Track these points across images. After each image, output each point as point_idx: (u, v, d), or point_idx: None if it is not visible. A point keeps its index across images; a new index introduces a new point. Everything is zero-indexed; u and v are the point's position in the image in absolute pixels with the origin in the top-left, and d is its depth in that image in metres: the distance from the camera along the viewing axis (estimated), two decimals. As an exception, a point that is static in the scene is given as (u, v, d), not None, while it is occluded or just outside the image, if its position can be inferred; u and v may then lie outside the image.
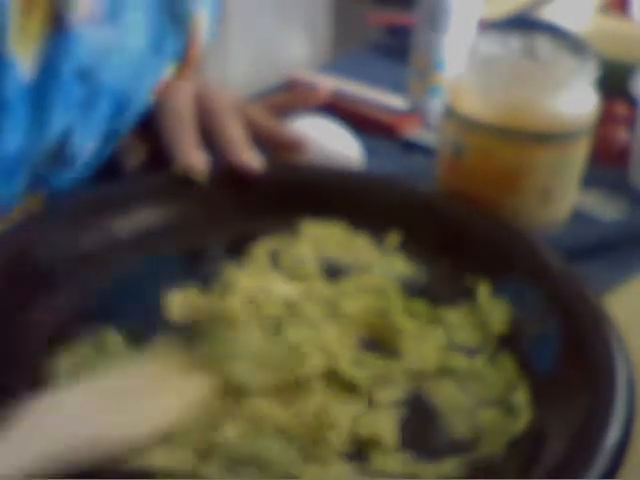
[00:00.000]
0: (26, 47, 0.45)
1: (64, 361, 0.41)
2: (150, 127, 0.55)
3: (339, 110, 0.69)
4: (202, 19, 0.56)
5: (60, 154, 0.51)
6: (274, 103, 0.61)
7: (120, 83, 0.51)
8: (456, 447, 0.38)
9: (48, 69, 0.47)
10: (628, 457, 0.35)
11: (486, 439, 0.38)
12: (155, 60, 0.54)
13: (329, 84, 0.74)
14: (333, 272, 0.48)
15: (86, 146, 0.52)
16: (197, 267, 0.49)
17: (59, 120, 0.49)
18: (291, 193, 0.52)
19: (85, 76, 0.49)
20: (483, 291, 0.46)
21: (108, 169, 0.57)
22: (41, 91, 0.47)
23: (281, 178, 0.53)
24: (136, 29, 0.51)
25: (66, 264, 0.46)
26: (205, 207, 0.52)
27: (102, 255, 0.48)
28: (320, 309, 0.45)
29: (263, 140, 0.55)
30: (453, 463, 0.37)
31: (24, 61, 0.46)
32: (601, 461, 0.34)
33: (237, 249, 0.49)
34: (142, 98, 0.54)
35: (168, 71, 0.55)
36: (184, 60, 0.56)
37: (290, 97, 0.63)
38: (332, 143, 0.59)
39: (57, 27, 0.46)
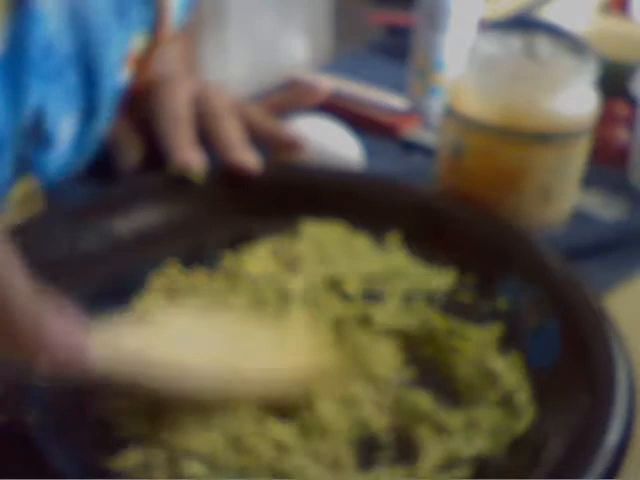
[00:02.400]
0: None
1: None
2: (146, 126, 0.56)
3: (339, 110, 0.69)
4: None
5: (38, 131, 0.50)
6: (273, 103, 0.61)
7: (86, 51, 0.51)
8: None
9: (16, 43, 0.47)
10: (628, 457, 0.35)
11: (487, 439, 0.38)
12: (120, 26, 0.53)
13: (329, 84, 0.74)
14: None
15: (62, 122, 0.52)
16: (197, 267, 0.49)
17: (33, 94, 0.49)
18: (291, 193, 0.52)
19: (52, 47, 0.49)
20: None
21: (105, 167, 0.57)
22: (12, 66, 0.47)
23: (281, 178, 0.53)
24: None
25: (66, 264, 0.46)
26: (205, 207, 0.52)
27: (102, 255, 0.48)
28: None
29: (262, 140, 0.55)
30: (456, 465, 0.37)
31: None
32: (601, 461, 0.34)
33: (237, 249, 0.50)
34: (112, 68, 0.54)
35: (136, 41, 0.55)
36: (154, 35, 0.56)
37: (289, 96, 0.63)
38: (332, 143, 0.59)
39: (19, 1, 0.46)
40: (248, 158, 0.52)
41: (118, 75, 0.54)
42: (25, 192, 0.52)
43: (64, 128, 0.52)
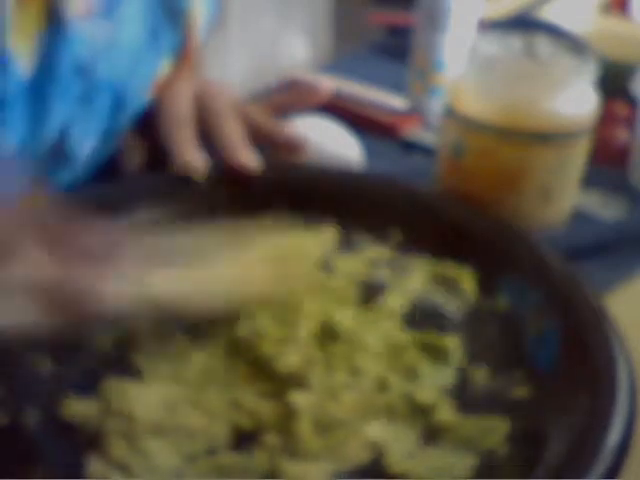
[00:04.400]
0: (23, 43, 0.45)
1: None
2: (150, 127, 0.55)
3: (339, 110, 0.69)
4: (198, 15, 0.56)
5: (60, 150, 0.51)
6: (275, 103, 0.61)
7: (117, 77, 0.51)
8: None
9: (45, 65, 0.47)
10: (630, 457, 0.34)
11: (488, 438, 0.38)
12: (151, 54, 0.54)
13: (330, 84, 0.74)
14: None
15: (86, 142, 0.52)
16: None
17: (58, 115, 0.49)
18: (291, 193, 0.52)
19: (82, 71, 0.49)
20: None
21: (108, 169, 0.57)
22: (39, 87, 0.47)
23: (281, 178, 0.53)
24: (131, 23, 0.51)
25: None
26: (205, 207, 0.52)
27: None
28: None
29: (262, 140, 0.55)
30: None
31: (22, 57, 0.46)
32: (603, 461, 0.34)
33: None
34: (140, 93, 0.54)
35: (165, 66, 0.55)
36: (181, 55, 0.56)
37: (291, 97, 0.63)
38: (332, 143, 0.59)
39: (53, 23, 0.46)
40: (249, 158, 0.52)
41: (143, 99, 0.54)
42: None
43: (85, 148, 0.52)
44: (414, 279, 0.48)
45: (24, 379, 0.40)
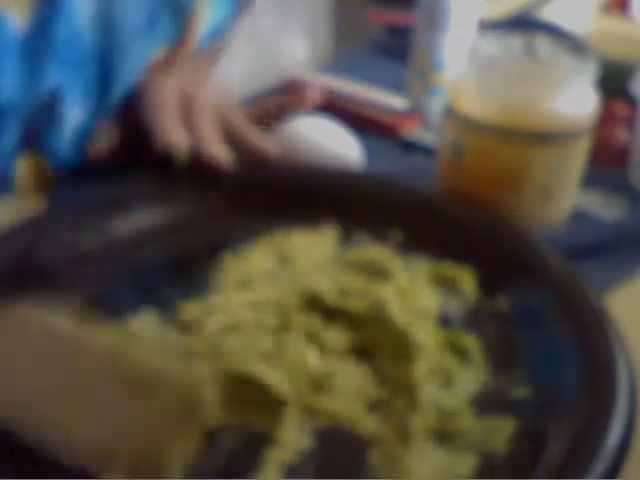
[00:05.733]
0: (18, 2, 0.47)
1: None
2: (126, 111, 0.56)
3: (339, 110, 0.69)
4: (201, 15, 0.57)
5: (51, 110, 0.52)
6: (269, 106, 0.61)
7: (107, 52, 0.53)
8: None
9: (42, 28, 0.49)
10: (630, 457, 0.35)
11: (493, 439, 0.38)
12: (146, 39, 0.55)
13: (325, 84, 0.74)
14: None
15: (74, 108, 0.54)
16: (197, 267, 0.49)
17: (52, 77, 0.51)
18: (291, 193, 0.52)
19: (77, 38, 0.51)
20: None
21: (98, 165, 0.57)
22: (34, 47, 0.49)
23: (281, 178, 0.53)
24: (129, 4, 0.53)
25: (66, 264, 0.46)
26: (205, 207, 0.52)
27: (102, 255, 0.48)
28: None
29: (235, 145, 0.55)
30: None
31: (16, 15, 0.48)
32: (602, 461, 0.34)
33: (237, 249, 0.50)
34: (128, 75, 0.55)
35: (159, 55, 0.56)
36: (174, 49, 0.57)
37: (285, 100, 0.63)
38: (332, 143, 0.59)
39: None
40: (221, 153, 0.52)
41: (132, 82, 0.55)
42: (35, 167, 0.53)
43: (73, 114, 0.54)
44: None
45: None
